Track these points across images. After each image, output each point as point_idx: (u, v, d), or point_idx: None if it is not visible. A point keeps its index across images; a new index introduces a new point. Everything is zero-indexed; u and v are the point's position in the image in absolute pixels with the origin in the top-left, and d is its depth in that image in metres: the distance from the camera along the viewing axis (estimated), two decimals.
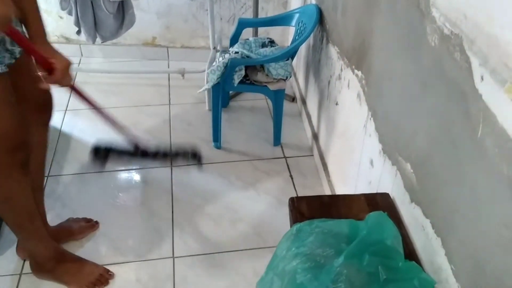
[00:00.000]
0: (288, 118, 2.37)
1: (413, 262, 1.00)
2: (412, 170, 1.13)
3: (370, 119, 1.41)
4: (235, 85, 1.96)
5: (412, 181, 1.13)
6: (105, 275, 1.58)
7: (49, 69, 1.19)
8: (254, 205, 1.91)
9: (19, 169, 1.29)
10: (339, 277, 0.94)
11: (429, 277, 1.00)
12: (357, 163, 1.55)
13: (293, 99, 2.51)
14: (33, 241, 1.50)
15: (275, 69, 1.93)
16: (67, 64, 1.22)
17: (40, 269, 1.56)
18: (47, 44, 1.21)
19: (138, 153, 1.61)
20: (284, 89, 2.06)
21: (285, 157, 2.16)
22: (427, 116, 1.04)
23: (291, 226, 1.17)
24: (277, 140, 2.19)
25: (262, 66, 1.97)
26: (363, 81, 1.46)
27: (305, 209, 1.23)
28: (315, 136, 2.14)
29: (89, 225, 1.75)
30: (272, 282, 1.05)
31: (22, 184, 1.33)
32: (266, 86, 1.99)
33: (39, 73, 1.20)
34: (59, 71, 1.19)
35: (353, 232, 1.06)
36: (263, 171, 2.08)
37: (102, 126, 1.61)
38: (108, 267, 1.62)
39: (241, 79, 1.99)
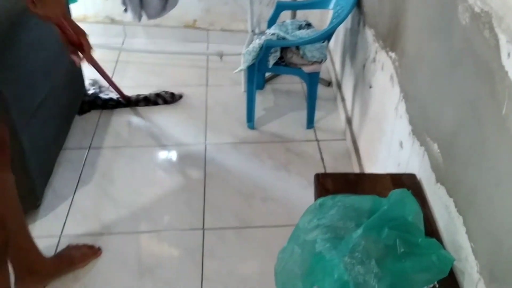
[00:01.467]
0: (323, 102, 2.39)
1: (433, 239, 1.01)
2: (439, 150, 1.13)
3: (402, 100, 1.41)
4: (270, 66, 1.99)
5: (439, 161, 1.13)
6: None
7: (77, 44, 1.35)
8: (284, 185, 1.94)
9: None
10: (357, 248, 0.96)
11: (448, 254, 1.01)
12: (387, 145, 1.56)
13: (328, 84, 2.51)
14: (25, 246, 1.42)
15: (311, 51, 1.95)
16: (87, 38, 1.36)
17: (35, 278, 1.48)
18: (70, 17, 1.34)
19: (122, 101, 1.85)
20: (319, 72, 2.07)
21: (317, 140, 2.17)
22: (456, 95, 1.04)
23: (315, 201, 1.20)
24: (310, 123, 2.21)
25: (297, 48, 1.98)
26: (396, 63, 1.46)
27: (330, 185, 1.26)
28: (349, 120, 2.15)
29: (92, 252, 1.63)
30: (293, 252, 1.09)
31: None
32: (300, 68, 2.01)
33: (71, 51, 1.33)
34: (87, 43, 1.31)
35: (375, 207, 1.08)
36: (295, 153, 2.11)
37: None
38: (141, 236, 1.71)
39: (276, 61, 2.01)
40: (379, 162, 1.64)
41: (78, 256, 1.58)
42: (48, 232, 1.71)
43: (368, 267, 0.93)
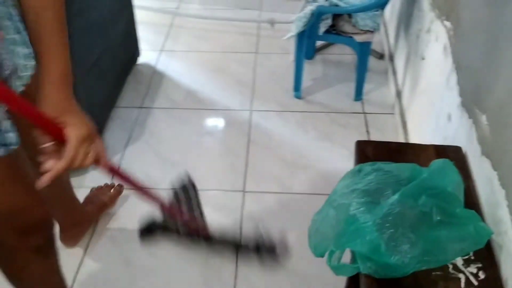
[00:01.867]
0: (374, 75, 2.33)
1: (472, 210, 0.99)
2: (487, 122, 1.09)
3: (454, 71, 1.36)
4: (321, 34, 1.96)
5: (486, 133, 1.09)
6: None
7: (59, 139, 0.80)
8: (326, 155, 1.94)
9: (34, 255, 1.06)
10: (391, 212, 0.96)
11: (486, 226, 0.99)
12: (435, 118, 1.51)
13: (381, 56, 2.45)
14: None
15: (363, 19, 1.90)
16: (85, 134, 0.82)
17: None
18: (62, 95, 0.81)
19: (195, 236, 1.29)
20: (370, 43, 2.02)
21: (364, 112, 2.14)
22: (509, 65, 1.00)
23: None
24: (358, 95, 2.17)
25: (350, 16, 1.94)
26: (451, 32, 1.40)
27: (371, 153, 1.24)
28: (399, 94, 2.09)
29: (116, 191, 1.72)
30: (327, 214, 1.10)
31: (38, 272, 1.11)
32: (352, 37, 1.97)
33: (44, 146, 0.80)
34: (73, 143, 0.79)
35: (414, 175, 1.06)
36: (340, 124, 2.09)
37: (194, 67, 1.70)
38: None
39: (327, 29, 1.98)
40: (426, 135, 1.60)
41: (107, 198, 1.68)
42: (98, 184, 1.81)
43: (401, 231, 0.93)
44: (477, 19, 1.19)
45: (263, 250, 1.30)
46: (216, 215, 1.69)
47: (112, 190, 1.71)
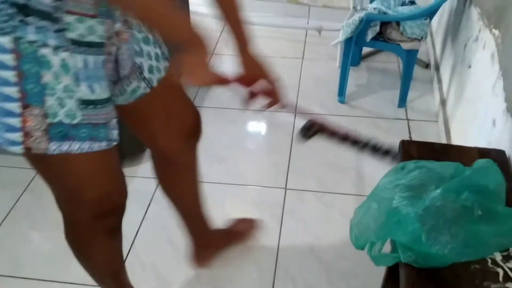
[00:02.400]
0: (419, 84, 2.36)
1: None
2: None
3: (500, 78, 1.38)
4: (368, 40, 2.02)
5: None
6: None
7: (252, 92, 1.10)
8: (368, 159, 1.97)
9: (105, 235, 1.15)
10: (433, 205, 1.00)
11: None
12: (479, 125, 1.53)
13: (426, 66, 2.47)
14: None
15: (411, 27, 1.94)
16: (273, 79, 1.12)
17: None
18: (248, 56, 1.16)
19: (348, 140, 1.50)
20: (417, 51, 2.06)
21: (407, 119, 2.17)
22: None
23: None
24: (402, 102, 2.20)
25: (398, 24, 1.99)
26: (499, 40, 1.43)
27: (415, 152, 1.28)
28: (443, 102, 2.11)
29: (251, 226, 1.66)
30: (370, 207, 1.15)
31: (106, 249, 1.20)
32: (399, 45, 2.01)
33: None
34: (274, 81, 1.11)
35: (457, 173, 1.09)
36: (382, 130, 2.13)
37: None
38: (229, 187, 1.86)
39: (375, 36, 2.03)
40: (469, 141, 1.62)
41: (244, 231, 1.64)
42: (150, 174, 1.92)
43: (442, 223, 0.97)
44: None
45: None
46: (257, 210, 1.77)
47: (250, 224, 1.67)
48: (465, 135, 1.70)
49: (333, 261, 1.58)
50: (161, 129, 1.19)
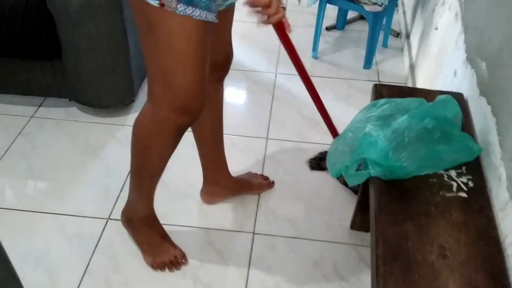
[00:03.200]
0: (390, 51, 2.55)
1: (467, 134, 1.19)
2: (485, 68, 1.29)
3: (462, 33, 1.56)
4: None
5: (484, 77, 1.29)
6: (179, 260, 1.51)
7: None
8: (342, 113, 2.11)
9: (173, 130, 1.23)
10: (399, 128, 1.16)
11: (478, 145, 1.19)
12: (443, 77, 1.72)
13: (397, 35, 2.65)
14: (137, 193, 1.44)
15: None
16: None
17: (127, 220, 1.53)
18: None
19: None
20: (382, 14, 2.24)
21: (379, 81, 2.34)
22: (506, 16, 1.20)
23: None
24: (368, 63, 2.38)
25: None
26: (462, 0, 1.60)
27: (386, 94, 1.45)
28: (412, 66, 2.29)
29: (267, 183, 1.78)
30: (345, 136, 1.31)
31: (166, 145, 1.28)
32: (362, 6, 2.20)
33: (253, 9, 1.15)
34: (274, 3, 1.13)
35: (422, 106, 1.27)
36: (356, 89, 2.30)
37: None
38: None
39: None
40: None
41: (256, 183, 1.75)
42: None
43: (407, 142, 1.13)
44: None
45: None
46: (242, 156, 1.91)
47: (263, 179, 1.78)
48: (431, 88, 1.88)
49: (311, 198, 1.74)
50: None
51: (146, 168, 1.36)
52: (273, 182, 1.79)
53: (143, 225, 1.50)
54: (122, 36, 1.84)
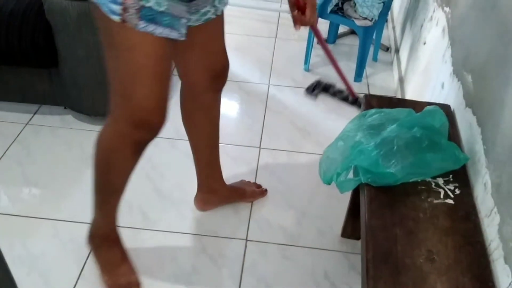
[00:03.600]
0: (380, 65, 2.62)
1: (454, 143, 1.24)
2: (471, 80, 1.35)
3: (449, 47, 1.62)
4: (328, 12, 2.28)
5: (470, 89, 1.35)
6: (134, 285, 1.47)
7: (302, 8, 1.24)
8: (332, 124, 2.18)
9: (132, 146, 1.22)
10: (389, 136, 1.21)
11: (464, 154, 1.24)
12: (431, 89, 1.77)
13: (387, 49, 2.72)
14: (99, 210, 1.41)
15: (361, 6, 2.21)
16: (315, 1, 1.25)
17: (88, 236, 1.49)
18: None
19: (348, 99, 1.86)
20: (372, 29, 2.30)
21: (369, 94, 2.40)
22: (491, 31, 1.26)
23: None
24: (358, 76, 2.44)
25: (355, 3, 2.24)
26: (449, 15, 1.67)
27: (376, 104, 1.50)
28: (401, 80, 2.35)
29: (260, 191, 1.80)
30: (337, 144, 1.35)
31: (125, 160, 1.26)
32: (353, 21, 2.27)
33: (293, 14, 1.26)
34: (311, 9, 1.23)
35: (410, 116, 1.31)
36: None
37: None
38: None
39: (335, 11, 2.31)
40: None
41: (249, 191, 1.78)
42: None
43: (396, 149, 1.18)
44: (469, 0, 1.46)
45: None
46: (235, 165, 1.95)
47: (256, 188, 1.81)
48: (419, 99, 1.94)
49: (303, 206, 1.78)
50: (195, 61, 1.35)
51: (107, 184, 1.34)
52: (266, 190, 1.82)
53: (104, 243, 1.47)
54: None
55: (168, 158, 1.96)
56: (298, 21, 1.27)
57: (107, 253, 1.47)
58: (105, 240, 1.46)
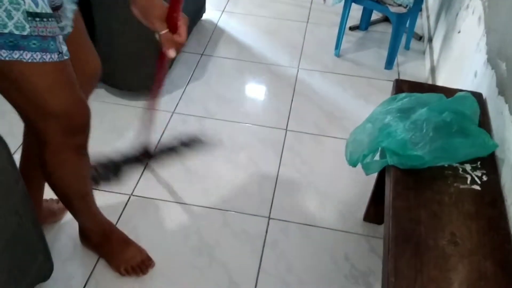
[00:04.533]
0: (413, 54, 2.58)
1: (484, 130, 1.23)
2: (505, 68, 1.33)
3: (484, 35, 1.60)
4: None
5: (504, 77, 1.33)
6: (146, 263, 1.49)
7: (174, 27, 1.08)
8: (361, 110, 2.18)
9: (74, 153, 1.20)
10: (418, 119, 1.21)
11: (494, 141, 1.23)
12: (463, 78, 1.75)
13: (420, 38, 2.68)
14: (80, 217, 1.42)
15: None
16: (187, 20, 1.12)
17: (85, 241, 1.52)
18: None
19: (144, 157, 1.75)
20: (406, 15, 2.27)
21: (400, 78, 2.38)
22: None
23: None
24: (389, 64, 2.42)
25: None
26: (486, 3, 1.64)
27: (406, 89, 1.49)
28: (433, 69, 2.32)
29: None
30: (364, 127, 1.35)
31: (75, 167, 1.24)
32: (387, 7, 2.24)
33: (161, 33, 1.09)
34: (184, 27, 1.10)
35: (441, 100, 1.31)
36: (376, 87, 2.34)
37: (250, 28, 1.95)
38: (235, 124, 2.05)
39: None
40: None
41: (56, 208, 1.61)
42: (165, 108, 2.11)
43: (425, 133, 1.18)
44: None
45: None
46: (261, 146, 1.97)
47: (59, 203, 1.63)
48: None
49: (326, 189, 1.79)
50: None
51: (74, 194, 1.32)
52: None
53: (102, 239, 1.48)
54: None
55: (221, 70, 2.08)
56: (170, 43, 1.10)
57: (109, 245, 1.49)
58: (100, 236, 1.48)
